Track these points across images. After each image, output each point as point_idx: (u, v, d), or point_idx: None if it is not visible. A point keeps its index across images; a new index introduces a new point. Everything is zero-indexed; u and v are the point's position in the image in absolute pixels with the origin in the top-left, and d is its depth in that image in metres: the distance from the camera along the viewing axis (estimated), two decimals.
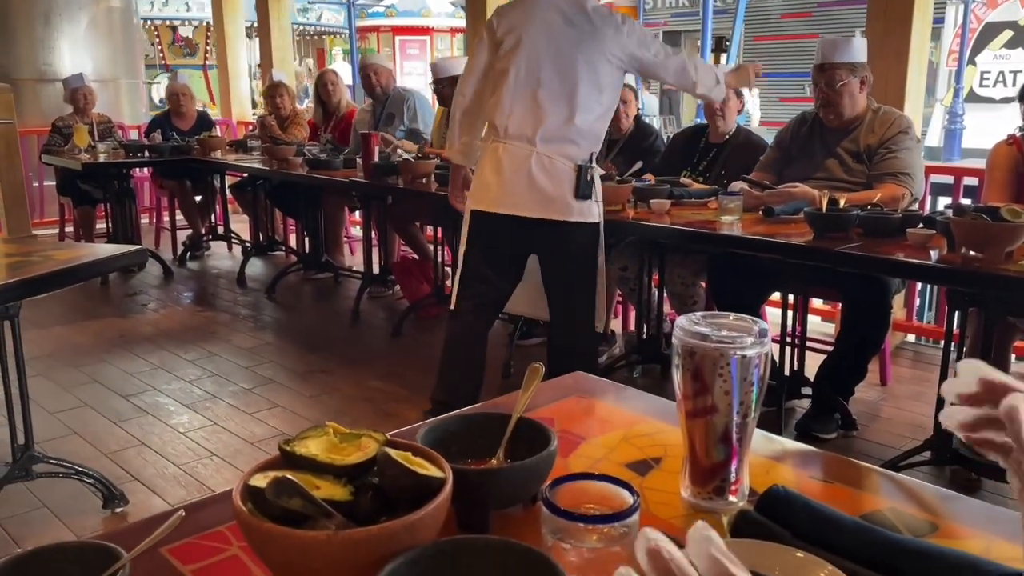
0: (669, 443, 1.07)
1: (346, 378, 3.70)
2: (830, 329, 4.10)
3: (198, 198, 6.18)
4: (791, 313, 3.30)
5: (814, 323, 4.01)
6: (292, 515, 0.70)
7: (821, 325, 4.26)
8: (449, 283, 3.02)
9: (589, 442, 1.09)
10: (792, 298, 3.29)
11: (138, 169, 6.26)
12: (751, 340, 0.86)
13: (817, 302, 4.00)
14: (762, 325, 0.89)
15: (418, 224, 4.90)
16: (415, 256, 4.99)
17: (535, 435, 0.90)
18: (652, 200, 3.08)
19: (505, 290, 2.93)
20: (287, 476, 0.71)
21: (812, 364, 3.18)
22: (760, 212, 2.88)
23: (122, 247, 2.75)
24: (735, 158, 3.49)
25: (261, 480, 0.72)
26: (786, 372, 3.20)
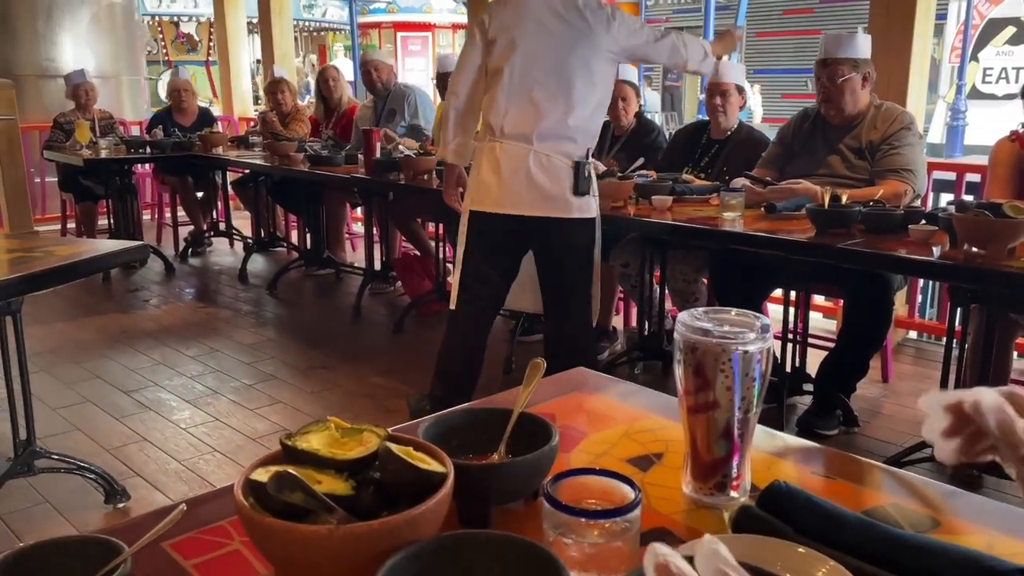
0: (671, 439, 1.07)
1: (347, 374, 3.70)
2: (832, 326, 4.10)
3: (200, 194, 6.18)
4: (793, 310, 3.30)
5: (816, 320, 4.01)
6: (293, 510, 0.70)
7: (823, 322, 4.26)
8: (450, 279, 3.02)
9: (590, 438, 1.09)
10: (794, 295, 3.29)
11: (140, 165, 6.25)
12: (753, 335, 0.86)
13: (819, 299, 3.99)
14: (764, 320, 0.88)
15: (419, 220, 4.90)
16: (416, 252, 4.99)
17: (536, 430, 0.90)
18: (654, 196, 3.08)
19: (504, 289, 2.95)
20: (289, 471, 0.71)
21: (814, 361, 3.18)
22: (762, 208, 2.88)
23: (124, 243, 2.75)
24: (737, 154, 3.49)
25: (263, 475, 0.72)
26: (788, 369, 3.20)
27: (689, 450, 0.92)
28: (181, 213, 6.28)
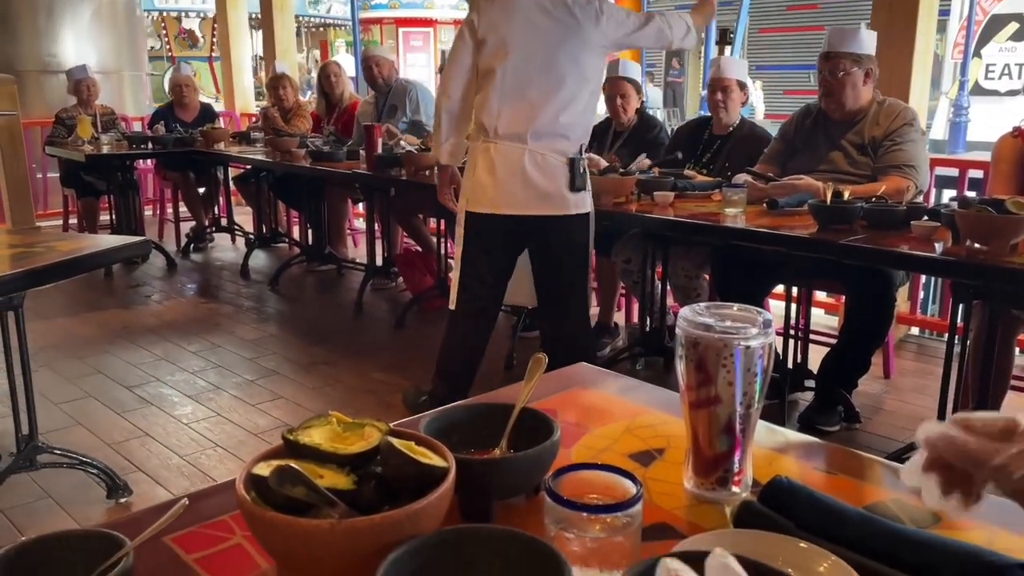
0: (672, 434, 1.07)
1: (349, 370, 3.70)
2: (833, 322, 4.10)
3: (201, 190, 6.19)
4: (794, 306, 3.29)
5: (817, 316, 4.01)
6: (295, 504, 0.70)
7: (824, 318, 4.26)
8: (451, 275, 3.02)
9: (592, 433, 1.09)
10: (796, 291, 3.28)
11: (141, 161, 6.26)
12: (755, 331, 0.86)
13: (820, 295, 3.99)
14: (766, 316, 0.88)
15: (421, 216, 4.90)
16: (418, 248, 4.99)
17: (538, 425, 0.90)
18: (656, 192, 3.08)
19: (502, 288, 2.96)
20: (290, 465, 0.71)
21: (815, 357, 3.18)
22: (764, 204, 2.88)
23: (126, 238, 2.75)
24: (739, 150, 3.48)
25: (264, 469, 0.72)
26: (789, 365, 3.20)
27: (691, 445, 0.92)
28: (183, 209, 6.28)
